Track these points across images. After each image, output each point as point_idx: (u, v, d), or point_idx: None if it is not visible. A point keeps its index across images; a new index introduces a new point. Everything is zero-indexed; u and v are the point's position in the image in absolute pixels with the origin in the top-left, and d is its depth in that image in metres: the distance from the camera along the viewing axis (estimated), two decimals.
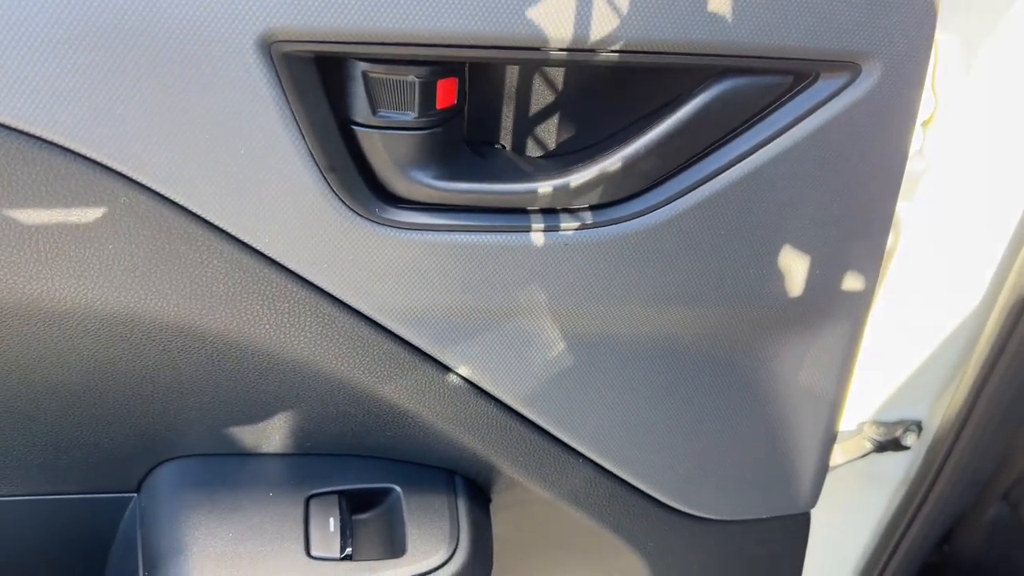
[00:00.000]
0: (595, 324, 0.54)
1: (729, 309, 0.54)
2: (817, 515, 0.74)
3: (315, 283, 0.50)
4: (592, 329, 0.55)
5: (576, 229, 0.51)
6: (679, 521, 0.64)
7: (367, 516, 0.60)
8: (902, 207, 0.66)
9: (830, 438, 0.65)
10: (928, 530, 0.90)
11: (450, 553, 0.58)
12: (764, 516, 0.67)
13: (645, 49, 0.45)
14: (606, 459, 0.60)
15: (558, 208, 0.51)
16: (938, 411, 0.81)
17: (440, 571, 0.57)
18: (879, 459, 0.84)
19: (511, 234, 0.50)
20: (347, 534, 0.57)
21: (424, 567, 0.57)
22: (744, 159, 0.49)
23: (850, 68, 0.46)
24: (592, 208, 0.51)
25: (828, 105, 0.48)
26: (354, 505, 0.59)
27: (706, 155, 0.50)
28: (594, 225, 0.51)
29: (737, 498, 0.65)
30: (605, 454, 0.60)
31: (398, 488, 0.60)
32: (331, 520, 0.57)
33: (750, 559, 0.69)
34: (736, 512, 0.66)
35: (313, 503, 0.58)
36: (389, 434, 0.59)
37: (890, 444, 0.85)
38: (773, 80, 0.47)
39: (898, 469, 0.84)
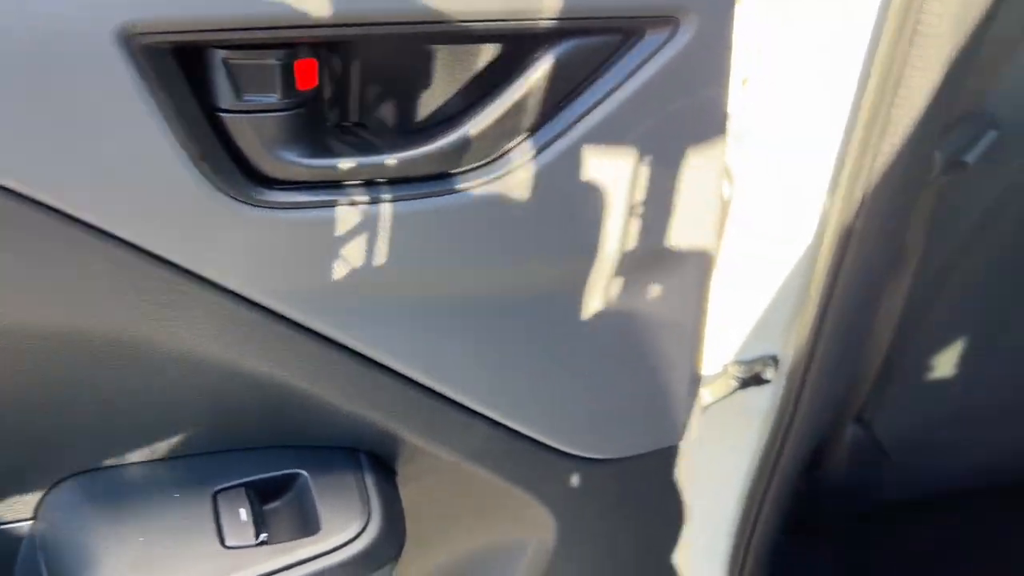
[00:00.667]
0: (470, 285, 0.58)
1: (586, 258, 0.59)
2: (702, 450, 0.80)
3: (198, 273, 0.51)
4: (468, 290, 0.58)
5: (439, 195, 0.54)
6: (572, 464, 0.68)
7: (278, 503, 0.61)
8: (734, 154, 0.72)
9: (695, 372, 0.71)
10: (795, 457, 0.98)
11: (363, 525, 0.60)
12: (644, 451, 0.72)
13: (474, 18, 0.48)
14: (500, 414, 0.63)
15: (421, 176, 0.54)
16: (790, 343, 0.89)
17: (355, 543, 0.59)
18: (747, 395, 0.91)
19: (379, 205, 0.53)
20: (260, 521, 0.58)
21: (339, 540, 0.59)
22: (583, 118, 0.54)
23: (671, 23, 0.52)
24: (451, 175, 0.55)
25: (652, 61, 0.53)
26: (264, 494, 0.60)
27: (551, 117, 0.54)
28: (454, 191, 0.54)
29: (619, 436, 0.70)
30: (498, 409, 0.63)
31: (304, 472, 0.62)
32: (242, 511, 0.58)
33: (638, 493, 0.74)
34: (620, 450, 0.71)
35: (221, 497, 0.59)
36: (290, 420, 0.60)
37: (752, 380, 0.93)
38: (602, 40, 0.53)
39: (764, 402, 0.92)
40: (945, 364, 1.03)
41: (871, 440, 1.08)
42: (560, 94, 0.53)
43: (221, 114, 0.49)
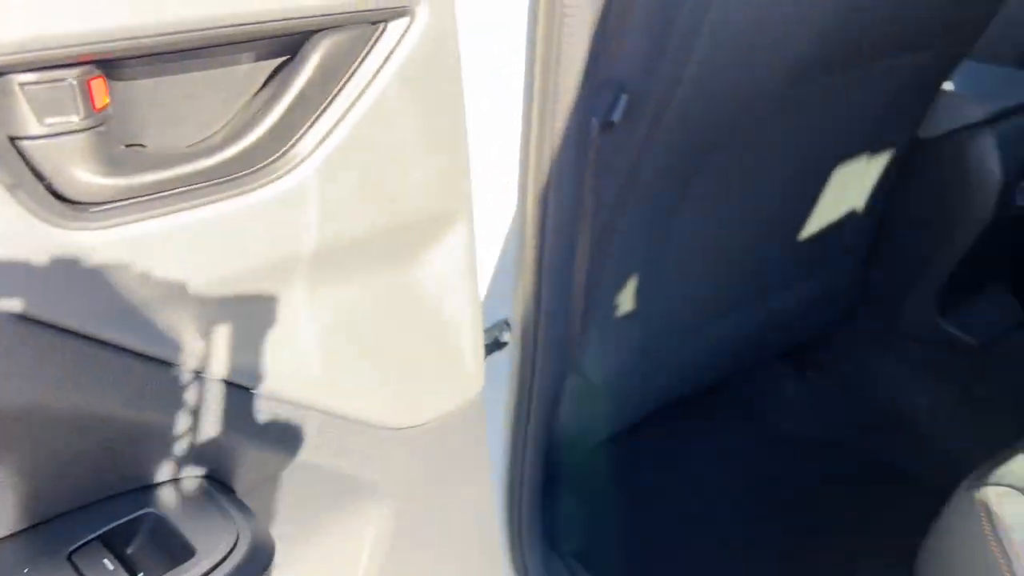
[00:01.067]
0: (280, 283, 0.62)
1: (369, 238, 0.66)
2: (488, 405, 0.90)
3: (20, 309, 0.50)
4: (278, 288, 0.62)
5: (238, 196, 0.58)
6: (392, 436, 0.74)
7: (139, 543, 0.58)
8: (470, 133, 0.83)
9: (476, 328, 0.81)
10: (541, 411, 1.12)
11: (235, 538, 0.60)
12: (445, 412, 0.80)
13: (234, 22, 0.54)
14: (322, 401, 0.67)
15: (217, 181, 0.58)
16: (518, 306, 1.03)
17: (234, 554, 0.59)
18: (496, 359, 1.03)
19: (187, 214, 0.56)
20: (130, 564, 0.56)
21: (218, 556, 0.58)
22: (353, 107, 0.61)
23: (407, 12, 0.62)
24: (243, 177, 0.59)
25: (399, 47, 0.62)
26: (124, 539, 0.57)
27: (324, 110, 0.61)
28: (242, 192, 0.58)
29: (427, 401, 0.77)
30: (319, 397, 0.67)
31: (154, 510, 0.60)
32: (106, 561, 0.55)
33: (451, 452, 0.82)
34: (429, 414, 0.78)
35: (78, 557, 0.55)
36: (129, 458, 0.58)
37: (494, 345, 1.06)
38: (356, 32, 0.60)
39: (507, 364, 1.05)
40: (623, 305, 1.24)
41: (586, 382, 1.26)
42: (330, 90, 0.60)
43: (25, 141, 0.48)
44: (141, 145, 0.58)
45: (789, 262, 1.37)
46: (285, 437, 0.66)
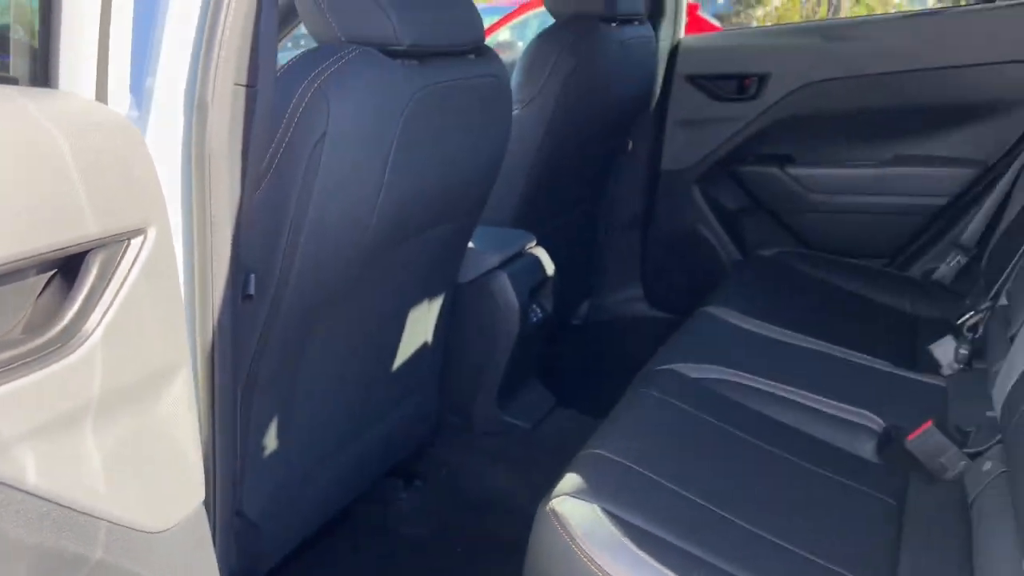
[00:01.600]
0: (66, 426, 0.76)
1: None
2: None
3: None
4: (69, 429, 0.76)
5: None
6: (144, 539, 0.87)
7: None
8: None
9: (197, 452, 0.98)
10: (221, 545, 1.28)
11: None
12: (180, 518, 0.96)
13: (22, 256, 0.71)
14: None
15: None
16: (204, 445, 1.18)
17: None
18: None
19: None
20: None
21: None
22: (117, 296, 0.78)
23: (143, 232, 0.80)
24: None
25: (139, 256, 0.80)
26: None
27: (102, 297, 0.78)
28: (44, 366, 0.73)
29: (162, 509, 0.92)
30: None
31: None
32: None
33: (185, 556, 0.96)
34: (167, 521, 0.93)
35: None
36: None
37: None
38: (113, 248, 0.78)
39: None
40: (268, 445, 1.46)
41: (245, 520, 1.43)
42: (98, 285, 0.76)
43: None
44: None
45: (391, 390, 1.72)
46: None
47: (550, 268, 2.02)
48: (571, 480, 1.26)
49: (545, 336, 2.09)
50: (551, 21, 2.15)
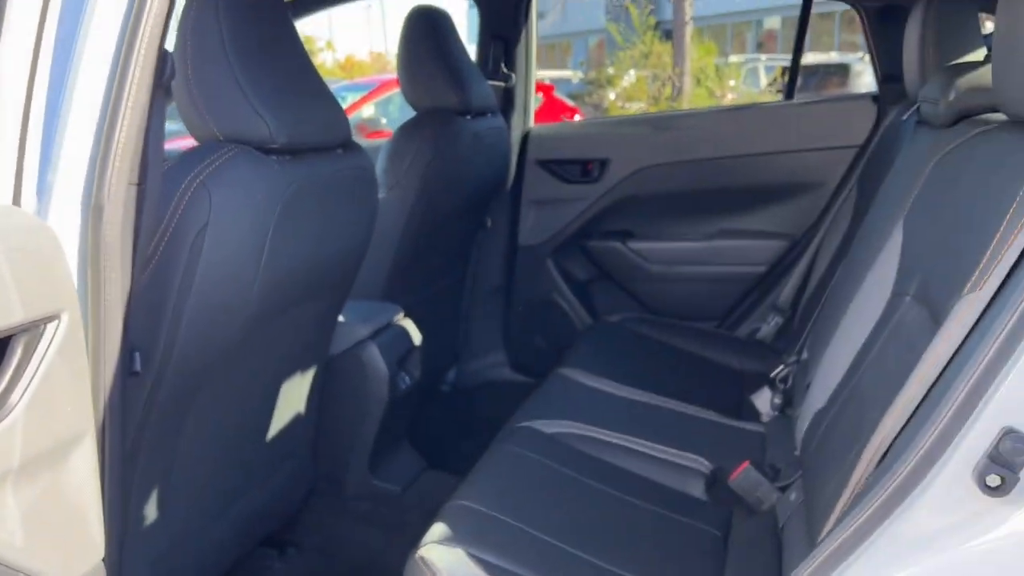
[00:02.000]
0: None
1: None
2: None
3: None
4: None
5: None
6: None
7: None
8: None
9: (99, 513, 1.06)
10: None
11: None
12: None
13: None
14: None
15: None
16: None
17: None
18: None
19: None
20: None
21: None
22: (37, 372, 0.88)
23: (57, 316, 0.90)
24: None
25: (55, 337, 0.90)
26: None
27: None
28: None
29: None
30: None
31: None
32: None
33: None
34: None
35: None
36: None
37: None
38: (33, 331, 0.88)
39: None
40: (149, 516, 1.52)
41: None
42: (23, 364, 0.84)
43: None
44: None
45: (268, 458, 1.82)
46: None
47: (417, 338, 2.18)
48: (438, 529, 1.40)
49: (413, 402, 2.24)
50: None
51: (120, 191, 1.09)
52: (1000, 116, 1.35)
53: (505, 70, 2.75)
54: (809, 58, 16.34)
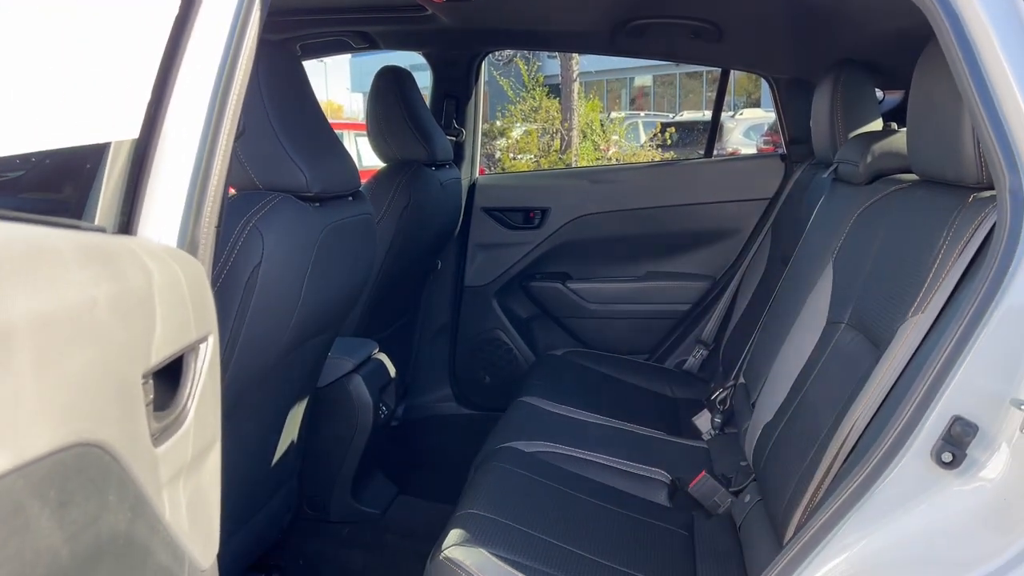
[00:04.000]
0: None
1: None
2: None
3: None
4: None
5: None
6: None
7: None
8: None
9: None
10: None
11: None
12: None
13: None
14: None
15: None
16: None
17: None
18: None
19: None
20: None
21: None
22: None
23: (206, 337, 1.05)
24: None
25: (209, 353, 1.04)
26: None
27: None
28: None
29: None
30: None
31: None
32: None
33: None
34: None
35: None
36: None
37: None
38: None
39: None
40: None
41: None
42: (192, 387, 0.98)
43: None
44: None
45: (267, 487, 1.93)
46: None
47: (392, 371, 2.35)
48: (455, 535, 1.58)
49: (388, 431, 2.39)
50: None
51: (211, 231, 1.24)
52: (912, 176, 1.68)
53: (456, 126, 2.99)
54: (685, 115, 17.48)
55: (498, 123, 14.77)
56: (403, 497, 2.43)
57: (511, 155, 13.45)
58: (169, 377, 0.96)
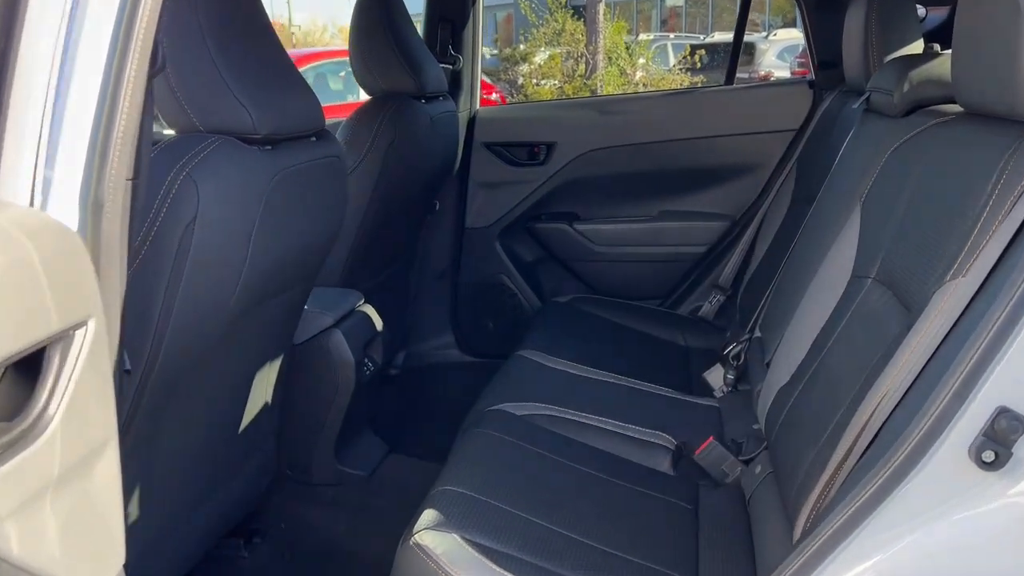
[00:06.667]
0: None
1: None
2: None
3: None
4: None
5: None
6: None
7: None
8: None
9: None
10: None
11: None
12: None
13: None
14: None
15: None
16: None
17: None
18: None
19: None
20: None
21: None
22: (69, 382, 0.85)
23: (86, 323, 0.86)
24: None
25: (85, 342, 0.86)
26: None
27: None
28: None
29: None
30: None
31: None
32: None
33: None
34: None
35: None
36: None
37: None
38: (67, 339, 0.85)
39: None
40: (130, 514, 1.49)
41: None
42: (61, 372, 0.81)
43: None
44: None
45: (239, 449, 1.79)
46: None
47: (379, 324, 2.18)
48: (428, 516, 1.43)
49: (375, 388, 2.24)
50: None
51: (119, 187, 1.06)
52: (956, 107, 1.44)
53: (453, 52, 2.75)
54: (716, 37, 16.79)
55: (521, 47, 14.33)
56: (395, 456, 2.29)
57: (534, 81, 13.06)
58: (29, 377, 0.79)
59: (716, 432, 1.91)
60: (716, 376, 2.20)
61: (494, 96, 10.41)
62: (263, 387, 1.85)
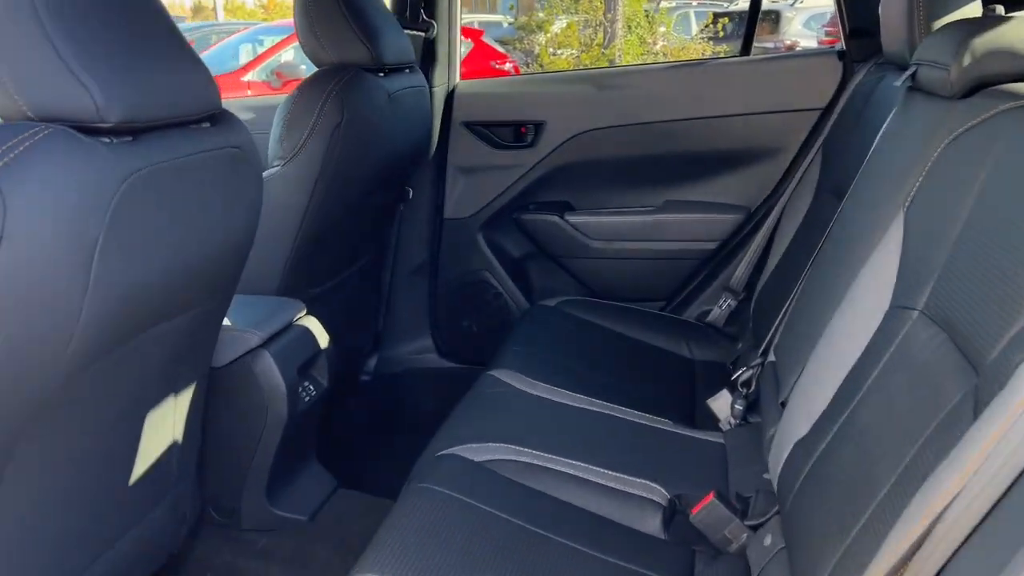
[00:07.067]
0: None
1: None
2: None
3: None
4: None
5: None
6: None
7: None
8: None
9: None
10: None
11: None
12: None
13: None
14: None
15: None
16: None
17: None
18: None
19: None
20: None
21: None
22: None
23: None
24: None
25: None
26: None
27: None
28: None
29: None
30: None
31: None
32: None
33: None
34: None
35: None
36: None
37: None
38: None
39: None
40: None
41: None
42: None
43: None
44: None
45: (137, 498, 1.48)
46: None
47: (323, 339, 1.85)
48: None
49: (322, 413, 1.91)
50: None
51: None
52: None
53: (425, 17, 2.38)
54: (740, 3, 16.11)
55: (540, 15, 13.88)
56: (344, 493, 1.97)
57: (550, 50, 12.61)
58: None
59: (718, 482, 1.57)
60: (723, 405, 1.86)
61: (508, 66, 10.00)
62: (167, 423, 1.53)
